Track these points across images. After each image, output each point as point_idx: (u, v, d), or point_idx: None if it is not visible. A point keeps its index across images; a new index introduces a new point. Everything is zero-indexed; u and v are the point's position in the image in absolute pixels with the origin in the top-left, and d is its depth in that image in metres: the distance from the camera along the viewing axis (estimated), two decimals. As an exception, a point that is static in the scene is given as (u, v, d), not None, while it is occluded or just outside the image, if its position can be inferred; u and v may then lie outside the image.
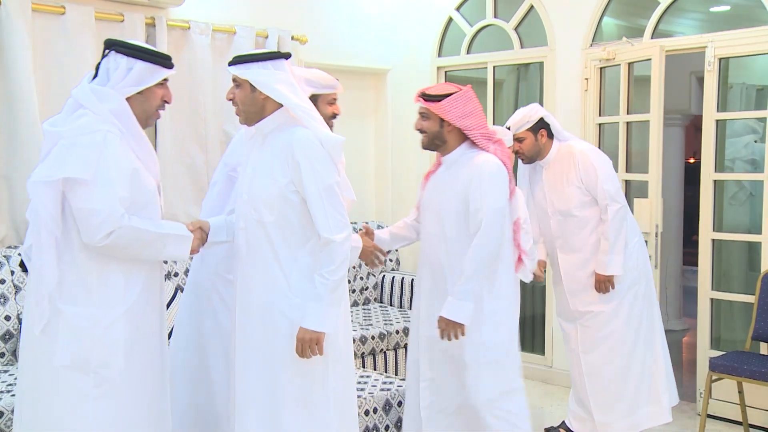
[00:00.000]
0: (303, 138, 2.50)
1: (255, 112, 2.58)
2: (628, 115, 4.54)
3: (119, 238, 2.36)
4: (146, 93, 2.49)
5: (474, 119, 3.04)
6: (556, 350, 4.99)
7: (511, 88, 5.79)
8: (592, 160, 3.70)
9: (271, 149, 2.56)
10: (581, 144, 3.82)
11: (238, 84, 2.57)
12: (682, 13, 4.77)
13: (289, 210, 2.52)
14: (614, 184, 3.68)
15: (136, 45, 2.50)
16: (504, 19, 5.18)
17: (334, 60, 5.10)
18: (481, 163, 3.02)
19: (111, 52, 2.46)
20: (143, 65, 2.45)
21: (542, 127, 3.77)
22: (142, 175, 2.45)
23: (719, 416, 4.27)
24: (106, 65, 2.46)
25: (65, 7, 3.89)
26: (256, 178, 2.57)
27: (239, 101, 2.58)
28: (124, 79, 2.43)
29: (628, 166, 4.62)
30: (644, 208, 4.28)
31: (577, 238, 3.76)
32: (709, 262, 4.35)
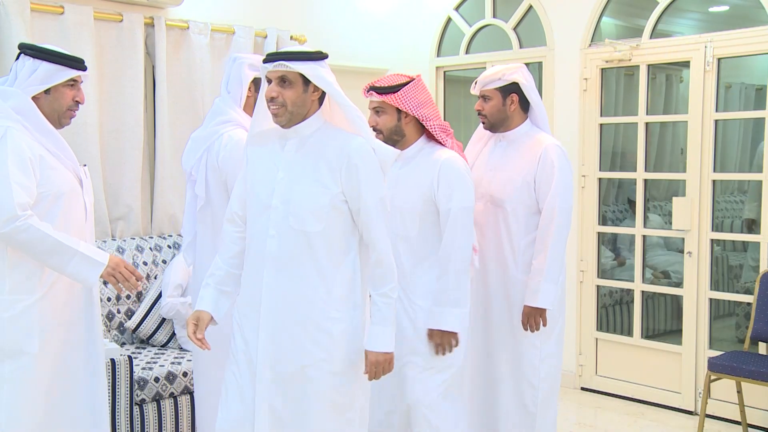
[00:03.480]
0: (361, 147, 2.35)
1: (301, 114, 2.39)
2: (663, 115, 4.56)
3: (19, 231, 2.42)
4: (54, 93, 2.61)
5: (430, 109, 2.88)
6: (555, 350, 4.98)
7: (510, 88, 5.79)
8: (556, 160, 3.14)
9: (316, 154, 2.37)
10: (553, 139, 3.25)
11: (285, 81, 2.34)
12: (681, 13, 4.77)
13: (338, 219, 2.36)
14: (568, 199, 3.15)
15: (45, 48, 2.64)
16: (503, 19, 5.18)
17: (333, 60, 5.04)
18: (444, 160, 2.85)
19: (21, 55, 2.61)
20: (48, 66, 2.58)
21: (514, 92, 3.21)
22: (51, 164, 2.55)
23: (718, 416, 4.28)
24: (15, 67, 2.61)
25: (64, 7, 3.88)
26: (296, 185, 2.35)
27: (289, 100, 2.35)
28: (29, 78, 2.57)
29: (647, 166, 4.64)
30: (683, 206, 4.33)
31: (496, 236, 3.24)
32: (708, 262, 4.36)
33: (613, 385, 4.76)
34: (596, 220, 4.80)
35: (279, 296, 2.36)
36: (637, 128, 4.63)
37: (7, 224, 2.40)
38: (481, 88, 3.25)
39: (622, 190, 5.60)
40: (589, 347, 4.86)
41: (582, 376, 4.89)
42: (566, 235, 3.17)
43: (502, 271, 3.23)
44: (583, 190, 4.81)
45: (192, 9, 4.42)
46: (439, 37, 5.52)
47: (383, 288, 2.38)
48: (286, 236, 2.35)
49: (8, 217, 2.40)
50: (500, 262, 3.23)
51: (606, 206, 5.49)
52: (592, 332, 4.84)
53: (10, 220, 2.40)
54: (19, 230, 2.41)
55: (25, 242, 2.44)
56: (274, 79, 2.36)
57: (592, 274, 4.82)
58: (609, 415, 4.47)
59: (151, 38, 4.23)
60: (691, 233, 4.38)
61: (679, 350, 4.48)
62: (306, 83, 2.36)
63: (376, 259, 2.38)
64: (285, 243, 2.35)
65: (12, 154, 2.43)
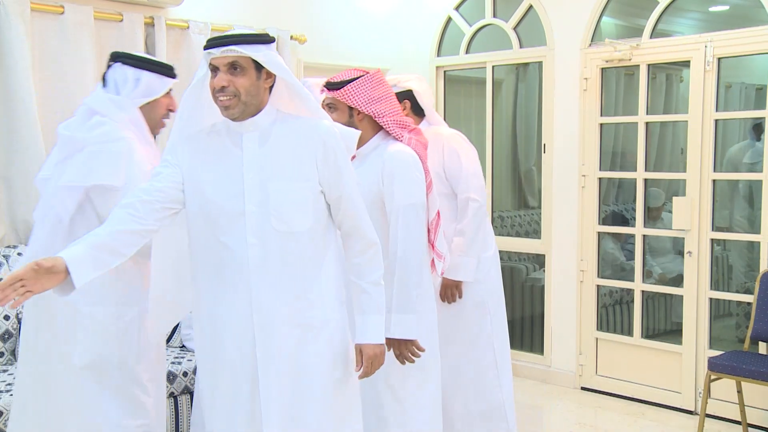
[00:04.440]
0: (331, 130, 2.19)
1: (255, 104, 2.16)
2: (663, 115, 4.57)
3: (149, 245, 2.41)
4: (153, 102, 2.56)
5: (384, 105, 2.76)
6: (555, 350, 4.99)
7: (510, 88, 5.80)
8: (458, 147, 3.38)
9: (286, 146, 2.16)
10: (450, 130, 3.49)
11: (237, 67, 2.11)
12: (681, 12, 4.77)
13: (321, 213, 2.20)
14: (479, 179, 3.38)
15: (143, 57, 2.59)
16: (503, 18, 5.18)
17: (333, 60, 5.10)
18: (390, 155, 2.73)
19: (117, 64, 2.54)
20: (149, 76, 2.53)
21: (407, 98, 3.40)
22: None
23: (718, 416, 4.28)
24: (113, 76, 2.53)
25: (64, 6, 3.88)
26: (272, 182, 2.13)
27: (242, 89, 2.11)
28: (135, 89, 2.51)
29: (647, 165, 4.65)
30: (683, 206, 4.33)
31: None
32: (708, 261, 4.36)
33: (613, 385, 4.76)
34: (596, 219, 4.80)
35: (272, 306, 2.15)
36: (637, 128, 4.63)
37: None
38: None
39: (622, 190, 5.60)
40: (589, 347, 4.86)
41: (582, 376, 4.89)
42: (484, 214, 3.42)
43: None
44: (583, 189, 4.80)
45: (192, 9, 4.41)
46: (439, 36, 5.52)
47: (374, 275, 2.25)
48: (270, 241, 2.13)
49: None
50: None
51: (624, 205, 5.51)
52: (592, 332, 4.84)
53: None
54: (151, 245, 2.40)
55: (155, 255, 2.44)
56: (222, 67, 2.12)
57: (592, 273, 4.82)
58: (609, 415, 4.47)
59: (151, 38, 4.23)
60: (691, 233, 4.38)
61: (680, 350, 4.48)
62: (258, 69, 2.14)
63: (364, 246, 2.24)
64: (270, 249, 2.13)
65: (138, 171, 2.41)
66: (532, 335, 5.33)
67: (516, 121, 5.84)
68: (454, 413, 3.48)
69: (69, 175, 2.40)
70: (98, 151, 2.39)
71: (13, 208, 3.77)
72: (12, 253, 3.66)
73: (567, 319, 4.92)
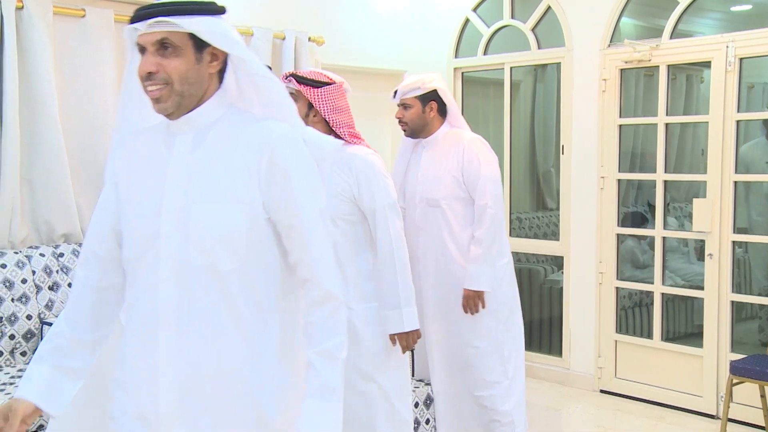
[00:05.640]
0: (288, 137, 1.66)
1: (194, 96, 1.65)
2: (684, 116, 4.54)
3: None
4: None
5: (344, 116, 2.80)
6: (574, 352, 4.96)
7: (529, 90, 5.79)
8: (479, 152, 3.37)
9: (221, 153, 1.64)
10: (472, 134, 3.50)
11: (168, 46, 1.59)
12: (702, 12, 4.73)
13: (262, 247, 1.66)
14: (497, 186, 3.38)
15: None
16: (521, 19, 5.16)
17: (351, 61, 5.11)
18: (360, 158, 2.73)
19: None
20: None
21: (433, 100, 3.43)
22: None
23: (741, 420, 4.23)
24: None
25: (85, 9, 3.92)
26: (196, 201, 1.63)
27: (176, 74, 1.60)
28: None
29: (666, 166, 4.61)
30: (704, 208, 4.30)
31: (438, 235, 3.42)
32: (729, 264, 4.31)
33: (632, 388, 4.73)
34: (615, 221, 4.77)
35: (186, 370, 1.62)
36: (657, 129, 4.59)
37: None
38: (401, 97, 3.43)
39: (642, 191, 5.56)
40: (608, 349, 4.82)
41: (601, 379, 4.86)
42: (500, 221, 3.39)
43: (449, 267, 3.42)
44: (602, 191, 4.77)
45: (211, 11, 4.43)
46: (457, 38, 5.51)
47: (327, 342, 1.64)
48: (186, 279, 1.60)
49: None
50: (446, 259, 3.42)
51: (643, 206, 5.47)
52: (612, 334, 4.81)
53: None
54: None
55: None
56: (150, 46, 1.59)
57: (611, 276, 4.78)
58: (628, 418, 4.43)
59: (170, 40, 4.25)
60: (712, 235, 4.34)
61: (701, 353, 4.43)
62: (199, 49, 1.61)
63: (319, 299, 1.65)
64: (186, 289, 1.61)
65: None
66: (550, 337, 5.30)
67: (534, 122, 5.82)
68: (462, 420, 3.50)
69: None
70: None
71: (35, 209, 3.80)
72: (34, 254, 3.69)
73: (586, 321, 4.89)
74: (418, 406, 3.48)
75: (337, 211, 2.73)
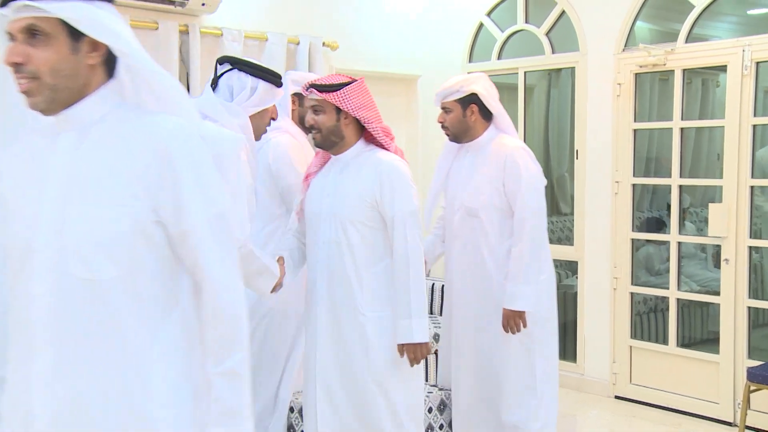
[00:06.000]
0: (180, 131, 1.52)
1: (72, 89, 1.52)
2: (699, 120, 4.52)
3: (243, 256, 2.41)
4: (262, 111, 2.61)
5: (371, 112, 2.75)
6: (589, 358, 4.93)
7: (543, 94, 5.77)
8: (521, 162, 3.21)
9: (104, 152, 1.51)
10: (517, 142, 3.32)
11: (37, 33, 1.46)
12: (718, 16, 4.70)
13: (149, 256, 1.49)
14: (538, 199, 3.22)
15: (257, 65, 2.60)
16: (535, 24, 5.15)
17: (365, 66, 5.11)
18: (386, 164, 2.71)
19: (234, 70, 2.54)
20: (265, 85, 2.56)
21: (473, 103, 3.26)
22: (252, 192, 2.55)
23: (758, 428, 4.19)
24: (228, 82, 2.54)
25: (101, 15, 3.94)
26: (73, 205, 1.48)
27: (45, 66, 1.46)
28: (250, 98, 2.53)
29: (682, 171, 4.57)
30: (720, 213, 4.26)
31: (475, 245, 3.29)
32: (745, 269, 4.28)
33: (648, 394, 4.69)
34: (630, 226, 4.75)
35: (64, 401, 1.45)
36: (672, 134, 4.57)
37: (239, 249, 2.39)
38: (441, 101, 3.31)
39: (657, 196, 5.53)
40: (623, 355, 4.79)
41: (616, 385, 4.83)
42: (541, 236, 3.24)
43: (483, 280, 3.29)
44: (617, 196, 4.75)
45: (226, 16, 4.46)
46: (471, 42, 5.50)
47: (228, 360, 1.50)
48: (65, 294, 1.44)
49: (240, 245, 2.38)
50: (481, 271, 3.29)
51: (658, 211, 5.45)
52: (626, 340, 4.78)
53: (241, 248, 2.37)
54: (243, 255, 2.41)
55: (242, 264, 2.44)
56: (18, 34, 1.45)
57: (626, 281, 4.76)
58: (644, 425, 4.40)
59: (185, 45, 4.28)
60: (728, 240, 4.31)
61: (717, 359, 4.40)
62: (76, 38, 1.47)
63: (214, 312, 1.51)
64: (64, 306, 1.44)
65: (242, 178, 2.40)
66: (564, 342, 5.27)
67: (548, 127, 5.80)
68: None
69: None
70: None
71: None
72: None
73: (600, 326, 4.87)
74: (432, 411, 3.47)
75: (358, 216, 2.69)
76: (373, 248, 2.72)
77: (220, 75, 2.56)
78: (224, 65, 2.56)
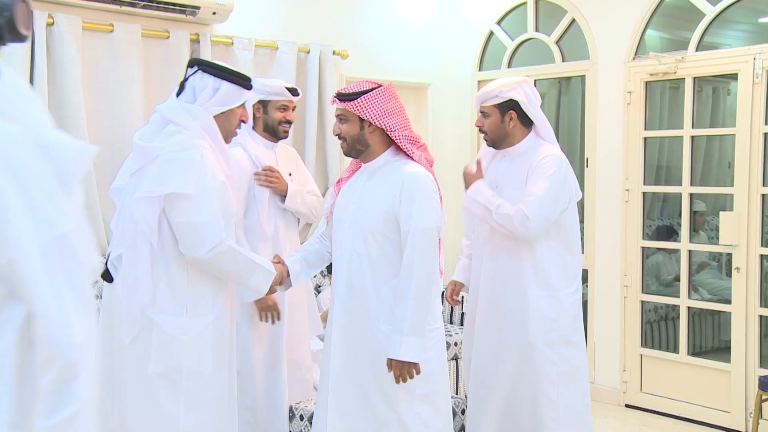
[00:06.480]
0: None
1: None
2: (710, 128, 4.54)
3: (219, 255, 2.45)
4: (228, 112, 2.59)
5: (396, 118, 2.65)
6: (599, 366, 4.91)
7: (553, 102, 5.77)
8: (547, 170, 3.08)
9: None
10: (553, 149, 3.17)
11: None
12: (729, 24, 4.69)
13: None
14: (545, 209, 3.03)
15: (225, 67, 2.61)
16: (545, 32, 5.15)
17: (375, 74, 5.12)
18: (409, 175, 2.62)
19: (198, 72, 2.54)
20: (229, 86, 2.55)
21: (512, 109, 3.13)
22: (227, 188, 2.55)
23: (769, 437, 4.16)
24: (192, 84, 2.55)
25: (113, 25, 3.98)
26: None
27: None
28: (211, 99, 2.53)
29: (692, 179, 4.56)
30: (731, 221, 4.24)
31: (502, 254, 3.18)
32: (757, 278, 4.26)
33: (658, 403, 4.67)
34: (640, 234, 4.73)
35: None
36: (683, 142, 4.55)
37: (213, 250, 2.44)
38: (480, 104, 3.19)
39: (668, 204, 5.51)
40: (633, 363, 4.77)
41: (626, 393, 4.80)
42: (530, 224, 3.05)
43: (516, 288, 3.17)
44: (627, 204, 4.74)
45: (236, 25, 4.49)
46: (481, 51, 5.51)
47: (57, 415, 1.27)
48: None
49: (215, 244, 2.43)
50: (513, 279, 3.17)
51: (669, 220, 5.42)
52: (637, 348, 4.76)
53: (216, 246, 2.43)
54: (221, 254, 2.46)
55: (222, 264, 2.49)
56: None
57: (636, 289, 4.74)
58: (655, 434, 4.38)
59: (196, 54, 4.31)
60: (739, 248, 4.29)
61: (728, 368, 4.37)
62: None
63: (45, 356, 1.28)
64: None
65: (211, 179, 2.45)
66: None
67: (558, 135, 5.76)
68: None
69: (145, 186, 2.42)
70: (171, 160, 2.41)
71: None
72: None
73: (611, 334, 4.85)
74: None
75: (378, 227, 2.63)
76: (392, 262, 2.64)
77: (186, 78, 2.58)
78: (192, 68, 2.58)
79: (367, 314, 2.65)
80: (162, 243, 2.45)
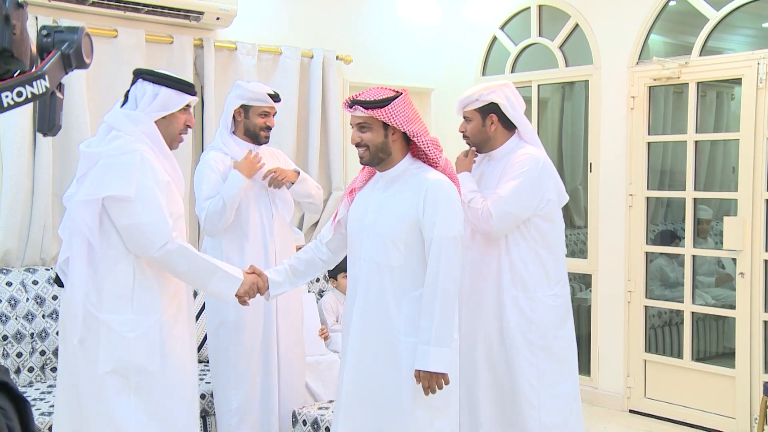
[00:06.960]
0: None
1: None
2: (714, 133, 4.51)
3: (170, 253, 2.50)
4: (170, 118, 2.66)
5: (418, 125, 2.63)
6: (603, 371, 4.90)
7: (556, 107, 5.76)
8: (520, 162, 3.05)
9: None
10: (534, 151, 3.12)
11: None
12: (732, 29, 4.69)
13: None
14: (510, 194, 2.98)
15: (162, 73, 2.68)
16: (548, 37, 5.15)
17: (379, 79, 5.13)
18: (432, 183, 2.58)
19: (138, 80, 2.64)
20: (167, 91, 2.62)
21: (492, 112, 3.10)
22: (172, 189, 2.61)
23: (774, 443, 4.15)
24: (134, 92, 2.64)
25: (117, 30, 3.99)
26: None
27: None
28: (151, 104, 2.61)
29: (696, 184, 4.55)
30: (735, 226, 4.23)
31: (481, 254, 3.14)
32: (761, 283, 4.24)
33: (663, 408, 4.65)
34: (644, 239, 4.72)
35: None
36: (686, 147, 4.55)
37: (163, 248, 2.49)
38: (461, 109, 3.19)
39: (671, 209, 5.50)
40: (637, 369, 4.76)
41: (630, 398, 4.79)
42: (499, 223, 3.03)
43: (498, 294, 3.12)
44: (631, 209, 4.73)
45: (240, 30, 4.50)
46: (484, 56, 5.51)
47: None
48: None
49: (165, 241, 2.49)
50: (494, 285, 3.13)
51: (673, 224, 5.41)
52: (641, 353, 4.75)
53: (166, 243, 2.49)
54: (172, 252, 2.50)
55: (177, 263, 2.54)
56: None
57: (640, 294, 4.73)
58: (659, 440, 4.36)
59: (200, 59, 4.32)
60: (743, 253, 4.28)
61: (732, 374, 4.36)
62: None
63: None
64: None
65: (152, 181, 2.51)
66: (578, 356, 5.22)
67: (562, 140, 5.79)
68: None
69: (84, 189, 2.50)
70: (110, 164, 2.49)
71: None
72: (65, 270, 3.74)
73: (614, 340, 4.84)
74: None
75: (400, 235, 2.59)
76: (414, 272, 2.59)
77: (130, 88, 2.67)
78: (134, 78, 2.68)
79: (387, 325, 2.60)
80: (107, 244, 2.51)
